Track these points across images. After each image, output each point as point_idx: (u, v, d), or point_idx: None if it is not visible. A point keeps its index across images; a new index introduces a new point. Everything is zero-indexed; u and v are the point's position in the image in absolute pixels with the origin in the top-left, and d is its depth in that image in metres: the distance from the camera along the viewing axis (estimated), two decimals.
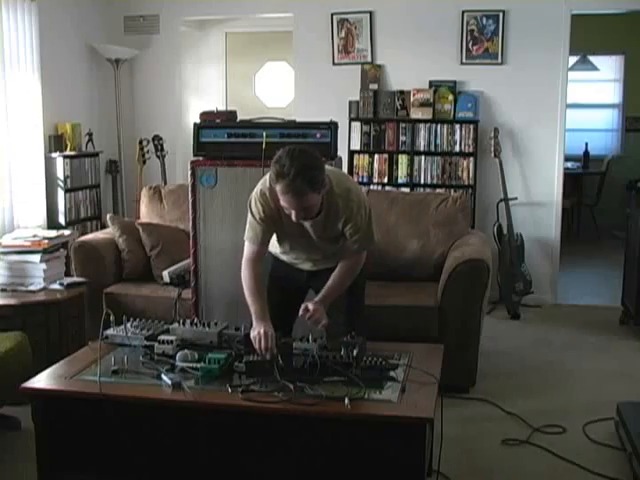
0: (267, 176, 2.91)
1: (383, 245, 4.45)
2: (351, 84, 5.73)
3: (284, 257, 3.18)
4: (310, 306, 2.85)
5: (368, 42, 5.72)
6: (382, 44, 5.72)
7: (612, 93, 8.95)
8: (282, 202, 2.74)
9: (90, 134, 5.88)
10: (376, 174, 5.70)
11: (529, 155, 5.61)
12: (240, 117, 3.94)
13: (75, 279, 4.17)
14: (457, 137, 5.55)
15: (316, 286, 3.17)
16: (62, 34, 5.67)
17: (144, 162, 5.98)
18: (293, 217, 2.77)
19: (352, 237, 2.94)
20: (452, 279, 3.87)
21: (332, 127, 3.58)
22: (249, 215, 2.96)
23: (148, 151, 5.98)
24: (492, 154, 5.44)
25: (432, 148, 5.61)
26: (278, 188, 2.69)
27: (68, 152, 5.54)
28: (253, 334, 2.74)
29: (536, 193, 5.63)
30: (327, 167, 2.87)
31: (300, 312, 2.85)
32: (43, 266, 4.05)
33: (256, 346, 2.70)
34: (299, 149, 2.74)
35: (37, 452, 2.61)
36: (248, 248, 2.99)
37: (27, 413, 2.65)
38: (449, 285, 3.88)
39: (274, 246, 3.16)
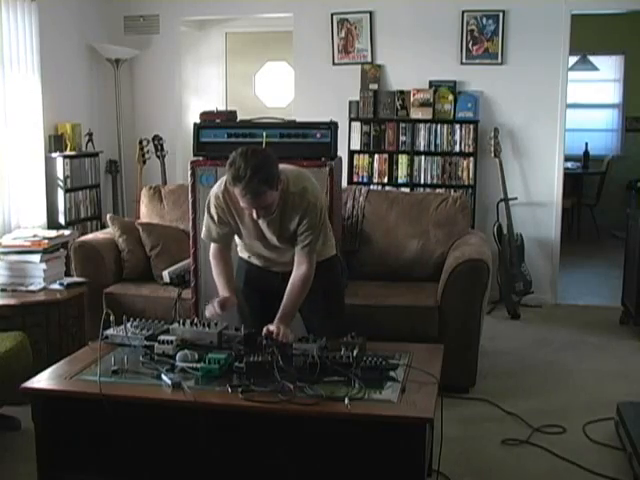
0: (222, 178, 2.95)
1: (383, 245, 4.46)
2: (351, 84, 5.74)
3: (255, 261, 3.18)
4: (271, 328, 2.83)
5: (368, 42, 5.72)
6: (382, 44, 5.72)
7: (612, 93, 8.95)
8: (242, 203, 2.78)
9: (90, 134, 5.88)
10: (376, 174, 5.71)
11: (529, 155, 5.61)
12: (240, 117, 3.94)
13: (75, 279, 4.17)
14: (457, 137, 5.55)
15: None
16: (62, 34, 5.67)
17: (144, 162, 5.98)
18: (254, 215, 2.81)
19: (303, 233, 2.92)
20: (452, 279, 3.87)
21: (332, 127, 3.59)
22: (206, 215, 3.02)
23: (148, 151, 5.98)
24: (492, 154, 5.44)
25: (432, 148, 5.60)
26: (236, 191, 2.73)
27: (68, 152, 5.54)
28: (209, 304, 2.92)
29: (536, 193, 5.63)
30: (286, 166, 2.93)
31: (263, 334, 2.83)
32: (43, 266, 4.05)
33: (207, 314, 2.90)
34: (252, 149, 2.78)
35: (37, 452, 2.61)
36: (212, 248, 3.09)
37: (27, 413, 2.65)
38: (449, 285, 3.88)
39: (244, 251, 3.20)
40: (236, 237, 3.13)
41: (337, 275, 3.28)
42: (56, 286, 4.03)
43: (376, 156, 5.71)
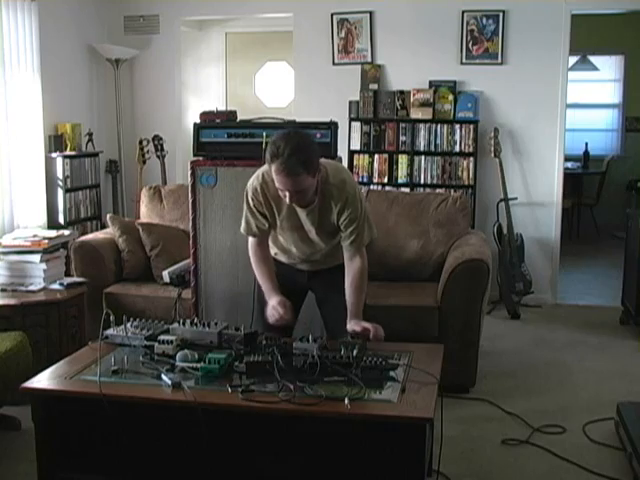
0: (259, 170, 2.97)
1: (383, 245, 4.45)
2: (351, 84, 5.74)
3: (283, 258, 3.18)
4: (357, 328, 2.85)
5: (368, 42, 5.72)
6: (382, 44, 5.72)
7: (612, 93, 8.95)
8: (276, 183, 2.78)
9: (90, 134, 5.88)
10: (376, 174, 5.71)
11: (529, 155, 5.61)
12: (240, 117, 3.94)
13: (75, 279, 4.17)
14: (457, 137, 5.55)
15: (316, 287, 3.18)
16: (62, 34, 5.67)
17: (144, 162, 5.98)
18: (287, 199, 2.80)
19: (347, 229, 2.94)
20: (452, 279, 3.87)
21: (332, 127, 3.58)
22: (245, 209, 3.04)
23: (148, 151, 5.98)
24: (492, 154, 5.44)
25: (432, 148, 5.61)
26: (273, 168, 2.73)
27: (68, 152, 5.54)
28: (268, 309, 2.94)
29: (536, 193, 5.63)
30: (326, 160, 2.94)
31: (351, 334, 2.85)
32: (43, 266, 4.05)
33: (272, 320, 2.91)
34: (294, 131, 2.80)
35: (37, 452, 2.61)
36: (250, 240, 3.10)
37: (27, 413, 2.65)
38: (449, 285, 3.88)
39: (272, 248, 3.18)
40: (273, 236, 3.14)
41: None
42: (56, 286, 4.03)
43: (376, 156, 5.72)
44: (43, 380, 2.62)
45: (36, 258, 4.04)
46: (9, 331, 3.50)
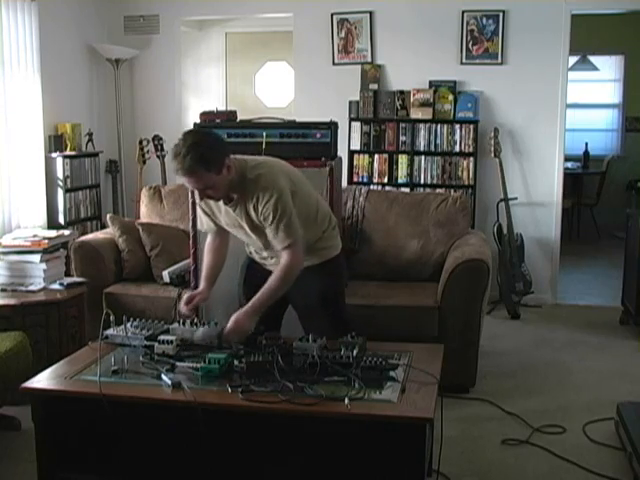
0: None
1: (383, 245, 4.46)
2: (351, 84, 5.74)
3: (255, 256, 3.20)
4: (229, 324, 2.82)
5: (368, 42, 5.72)
6: (382, 44, 5.72)
7: (612, 93, 8.95)
8: (185, 183, 2.79)
9: (90, 134, 5.88)
10: (376, 174, 5.71)
11: (529, 155, 5.61)
12: (240, 117, 3.94)
13: (75, 279, 4.17)
14: (457, 137, 5.55)
15: (292, 295, 3.06)
16: (62, 34, 5.67)
17: (144, 162, 5.97)
18: (197, 198, 2.84)
19: (268, 227, 2.87)
20: (452, 279, 3.87)
21: (332, 127, 3.59)
22: (198, 210, 3.12)
23: (148, 151, 5.98)
24: (492, 154, 5.44)
25: (432, 148, 5.60)
26: (174, 170, 2.71)
27: (68, 152, 5.54)
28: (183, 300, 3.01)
29: (536, 193, 5.63)
30: (256, 157, 2.94)
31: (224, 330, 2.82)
32: (43, 266, 4.05)
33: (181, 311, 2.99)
34: (195, 130, 2.83)
35: (37, 452, 2.61)
36: (207, 238, 3.18)
37: (27, 413, 2.65)
38: (449, 285, 3.88)
39: (248, 247, 3.21)
40: None
41: (339, 278, 3.21)
42: (56, 286, 4.02)
43: (376, 156, 5.72)
44: (43, 380, 2.62)
45: (36, 258, 4.04)
46: (9, 331, 3.49)
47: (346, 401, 2.35)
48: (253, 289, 3.07)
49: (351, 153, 5.73)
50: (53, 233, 4.32)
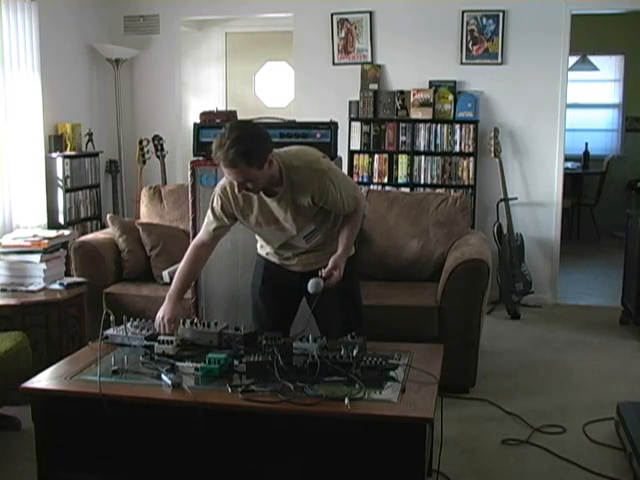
0: None
1: (383, 245, 4.46)
2: (351, 84, 5.74)
3: (274, 259, 3.14)
4: (330, 264, 2.85)
5: (368, 42, 5.72)
6: (382, 44, 5.72)
7: (612, 93, 8.96)
8: (225, 173, 2.77)
9: (90, 134, 5.88)
10: (376, 174, 5.71)
11: (529, 155, 5.61)
12: (240, 117, 3.94)
13: (75, 279, 4.17)
14: (457, 137, 5.55)
15: (308, 293, 3.03)
16: (62, 34, 5.67)
17: (144, 162, 5.98)
18: (236, 189, 2.79)
19: (336, 206, 2.90)
20: (452, 279, 3.87)
21: (332, 127, 3.58)
22: (209, 209, 3.02)
23: (148, 151, 5.98)
24: (492, 154, 5.44)
25: (432, 148, 5.60)
26: (215, 157, 2.69)
27: (68, 152, 5.54)
28: (157, 316, 2.89)
29: (536, 193, 5.63)
30: (291, 147, 2.94)
31: (324, 274, 2.84)
32: (43, 266, 4.05)
33: (156, 329, 2.87)
34: (241, 123, 2.78)
35: (37, 452, 2.61)
36: (198, 235, 3.08)
37: (27, 413, 2.65)
38: (449, 285, 3.88)
39: (262, 247, 3.17)
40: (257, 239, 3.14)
41: (355, 277, 3.21)
42: (56, 286, 4.03)
43: (376, 156, 5.71)
44: (43, 380, 2.62)
45: (36, 258, 4.04)
46: (9, 331, 3.50)
47: (346, 401, 2.35)
48: (271, 289, 3.10)
49: (351, 153, 5.73)
50: (53, 233, 4.32)
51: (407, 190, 5.55)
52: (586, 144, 8.55)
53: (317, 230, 2.99)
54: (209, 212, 3.01)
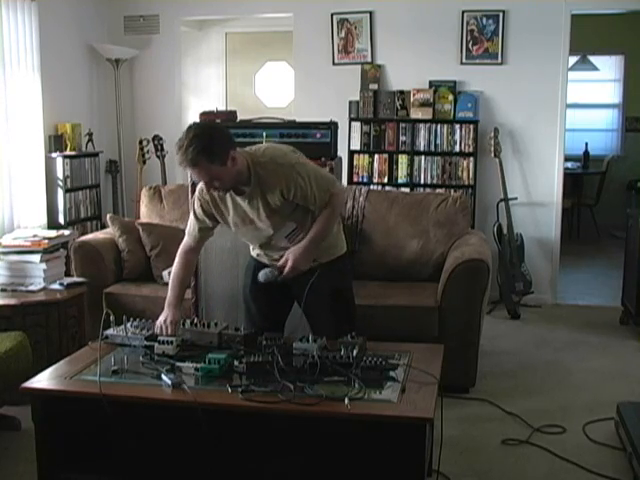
0: None
1: (383, 245, 4.45)
2: (351, 84, 5.73)
3: (264, 259, 3.12)
4: (289, 263, 2.85)
5: (368, 42, 5.72)
6: (382, 44, 5.72)
7: (612, 93, 8.96)
8: (191, 175, 2.79)
9: (90, 134, 5.88)
10: (376, 174, 5.71)
11: (529, 155, 5.61)
12: (240, 117, 3.94)
13: (75, 279, 4.17)
14: (457, 137, 5.55)
15: (297, 293, 3.07)
16: (62, 34, 5.67)
17: (144, 162, 5.98)
18: (206, 187, 2.82)
19: (307, 200, 2.88)
20: (452, 279, 3.87)
21: (332, 127, 3.59)
22: (190, 212, 3.05)
23: (148, 151, 5.98)
24: (492, 154, 5.44)
25: (432, 148, 5.60)
26: (179, 162, 2.72)
27: (68, 152, 5.54)
28: (158, 321, 2.92)
29: (536, 193, 5.63)
30: (260, 145, 2.96)
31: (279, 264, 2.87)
32: (43, 266, 4.05)
33: (158, 332, 2.88)
34: (198, 123, 2.81)
35: (37, 452, 2.61)
36: (184, 241, 3.09)
37: (27, 413, 2.65)
38: (449, 285, 3.88)
39: (253, 249, 3.17)
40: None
41: (347, 276, 3.21)
42: (56, 286, 4.02)
43: (376, 156, 5.71)
44: (43, 380, 2.62)
45: (36, 258, 4.04)
46: (9, 331, 3.50)
47: (346, 401, 2.35)
48: (262, 290, 3.08)
49: (351, 153, 5.73)
50: (53, 233, 4.32)
51: (407, 190, 5.54)
52: (586, 144, 8.55)
53: (298, 229, 2.96)
54: (191, 215, 3.04)
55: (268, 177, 2.83)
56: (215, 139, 2.71)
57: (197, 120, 3.79)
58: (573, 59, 7.77)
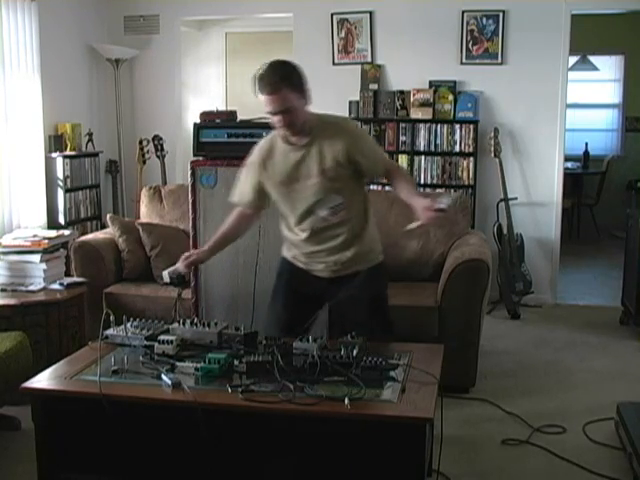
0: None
1: (383, 245, 4.44)
2: (351, 84, 5.74)
3: (300, 262, 3.03)
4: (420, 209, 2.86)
5: (368, 42, 5.72)
6: (382, 44, 5.72)
7: (612, 93, 8.95)
8: (265, 107, 2.80)
9: (90, 134, 5.89)
10: None
11: (529, 155, 5.61)
12: (240, 117, 3.94)
13: (75, 279, 4.17)
14: (457, 137, 5.55)
15: (333, 298, 3.02)
16: (62, 34, 5.67)
17: (144, 162, 5.98)
18: (278, 123, 2.82)
19: (367, 160, 2.88)
20: (452, 279, 3.87)
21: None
22: (241, 172, 3.07)
23: (148, 151, 5.98)
24: (492, 154, 5.44)
25: (432, 148, 5.60)
26: (258, 90, 2.77)
27: (68, 152, 5.55)
28: (185, 254, 3.08)
29: (536, 193, 5.63)
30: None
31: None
32: (43, 266, 4.05)
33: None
34: (278, 59, 2.87)
35: (37, 452, 2.61)
36: (235, 209, 3.12)
37: (27, 413, 2.65)
38: (449, 285, 3.88)
39: (289, 249, 3.08)
40: (283, 228, 3.06)
41: (384, 285, 3.15)
42: (56, 286, 4.02)
43: None
44: (43, 380, 2.62)
45: (36, 258, 4.04)
46: (9, 331, 3.50)
47: (346, 401, 2.35)
48: (293, 290, 3.06)
49: None
50: (53, 233, 4.32)
51: None
52: (586, 144, 8.55)
53: (343, 205, 2.90)
54: (238, 181, 3.07)
55: (333, 131, 2.87)
56: (297, 70, 2.83)
57: (197, 120, 3.79)
58: (573, 59, 7.76)
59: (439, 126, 5.59)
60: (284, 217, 3.03)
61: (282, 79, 2.74)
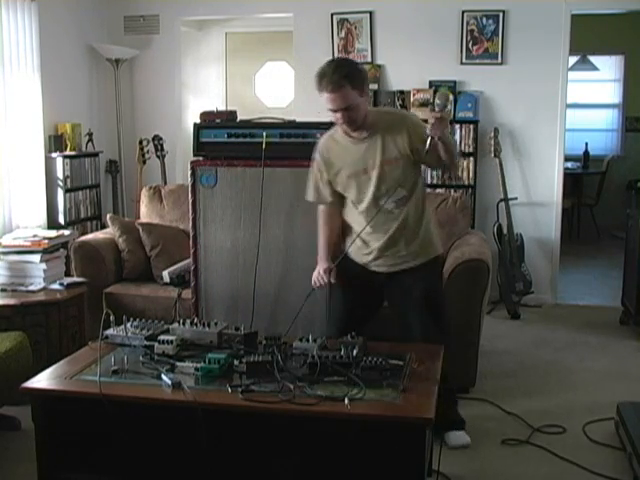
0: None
1: None
2: None
3: (357, 257, 3.14)
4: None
5: (368, 42, 5.72)
6: (382, 44, 5.72)
7: (612, 93, 8.96)
8: (327, 105, 2.87)
9: (90, 134, 5.88)
10: None
11: (529, 155, 5.61)
12: (240, 117, 3.94)
13: (75, 279, 4.17)
14: (457, 137, 5.54)
15: (393, 297, 3.13)
16: (62, 34, 5.67)
17: (144, 162, 5.98)
18: (339, 120, 2.89)
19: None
20: (452, 279, 3.86)
21: (332, 127, 3.58)
22: (311, 176, 3.16)
23: (148, 151, 5.98)
24: (492, 154, 5.44)
25: None
26: (320, 89, 2.84)
27: (68, 152, 5.55)
28: (314, 275, 3.16)
29: (536, 193, 5.63)
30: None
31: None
32: (43, 266, 4.05)
33: (315, 285, 3.15)
34: (339, 57, 2.97)
35: (37, 452, 2.60)
36: (319, 208, 3.21)
37: (27, 413, 2.65)
38: (449, 285, 3.87)
39: (348, 242, 3.17)
40: (347, 221, 3.14)
41: (440, 280, 3.24)
42: (56, 286, 4.02)
43: None
44: (43, 380, 2.62)
45: (36, 258, 4.04)
46: (9, 331, 3.50)
47: (346, 401, 2.35)
48: (350, 281, 3.13)
49: None
50: (53, 233, 4.32)
51: None
52: (586, 144, 8.55)
53: (406, 198, 3.02)
54: (312, 179, 3.14)
55: (393, 122, 2.96)
56: (358, 68, 2.92)
57: (197, 120, 3.79)
58: (573, 59, 7.77)
59: None
60: (349, 210, 3.13)
61: (343, 78, 2.81)
